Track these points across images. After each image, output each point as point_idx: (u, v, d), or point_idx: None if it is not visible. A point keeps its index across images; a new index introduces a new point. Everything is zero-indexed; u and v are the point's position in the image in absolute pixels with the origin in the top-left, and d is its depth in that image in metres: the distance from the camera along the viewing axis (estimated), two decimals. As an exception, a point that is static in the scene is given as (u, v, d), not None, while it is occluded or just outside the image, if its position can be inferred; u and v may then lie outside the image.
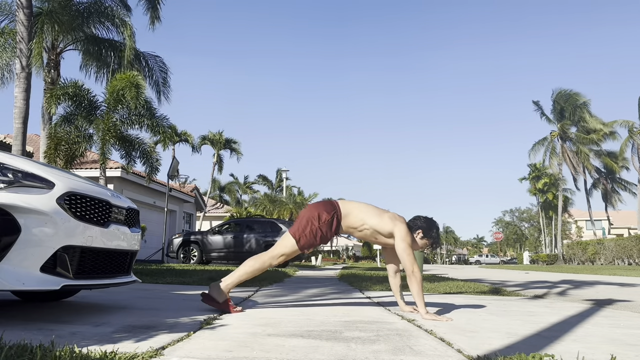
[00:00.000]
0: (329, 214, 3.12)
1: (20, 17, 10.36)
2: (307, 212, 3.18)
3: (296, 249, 3.13)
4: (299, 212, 3.25)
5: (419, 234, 3.23)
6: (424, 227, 3.22)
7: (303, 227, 3.11)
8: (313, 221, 3.11)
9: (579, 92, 37.69)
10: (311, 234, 3.10)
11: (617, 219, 59.86)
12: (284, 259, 3.17)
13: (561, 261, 37.84)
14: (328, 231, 3.12)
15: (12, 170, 2.28)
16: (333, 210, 3.15)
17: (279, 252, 3.14)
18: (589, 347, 2.13)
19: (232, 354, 1.77)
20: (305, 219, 3.14)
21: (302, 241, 3.10)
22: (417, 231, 3.23)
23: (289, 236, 3.15)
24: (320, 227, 3.10)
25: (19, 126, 10.10)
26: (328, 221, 3.12)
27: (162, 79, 15.61)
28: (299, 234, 3.11)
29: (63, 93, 12.39)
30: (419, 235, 3.23)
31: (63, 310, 2.89)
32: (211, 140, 34.53)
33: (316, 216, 3.12)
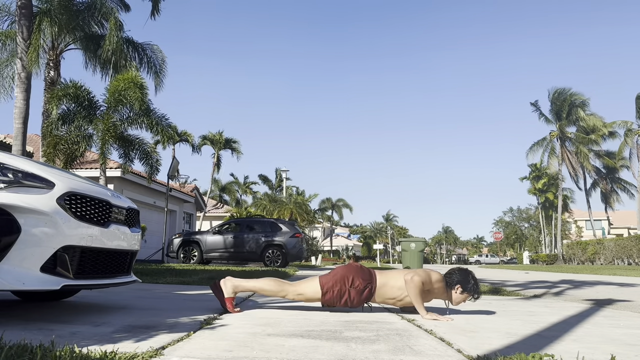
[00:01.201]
0: (364, 282, 3.07)
1: (20, 18, 10.37)
2: (344, 270, 3.13)
3: (318, 297, 3.09)
4: (336, 268, 3.18)
5: (458, 289, 3.10)
6: (462, 281, 3.11)
7: (333, 283, 3.06)
8: (346, 282, 3.06)
9: (578, 91, 37.72)
10: (339, 293, 3.06)
11: (616, 219, 59.87)
12: (301, 299, 3.13)
13: (561, 261, 37.85)
14: (356, 297, 3.07)
15: (12, 170, 2.28)
16: (368, 280, 3.09)
17: (302, 291, 3.10)
18: (589, 347, 2.13)
19: (232, 354, 1.78)
20: (339, 275, 3.09)
21: (327, 296, 3.06)
22: (456, 286, 3.11)
23: (317, 282, 3.09)
24: (349, 290, 3.06)
25: (19, 126, 10.11)
26: (360, 289, 3.06)
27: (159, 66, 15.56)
28: (327, 287, 3.06)
29: (64, 94, 12.40)
30: (458, 291, 3.10)
31: (63, 310, 2.89)
32: (211, 140, 34.54)
33: (350, 279, 3.06)
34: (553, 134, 38.75)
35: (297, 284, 3.15)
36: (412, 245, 16.81)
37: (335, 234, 66.13)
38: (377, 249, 35.98)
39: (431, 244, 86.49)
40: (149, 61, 15.37)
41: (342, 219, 60.39)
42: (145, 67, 15.25)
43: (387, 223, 78.16)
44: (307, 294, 3.09)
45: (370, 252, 67.16)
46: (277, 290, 3.11)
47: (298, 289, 3.10)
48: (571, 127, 38.52)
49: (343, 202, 56.38)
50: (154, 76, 15.35)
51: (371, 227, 79.71)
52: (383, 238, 76.39)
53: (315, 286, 3.08)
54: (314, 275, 3.27)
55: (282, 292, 3.11)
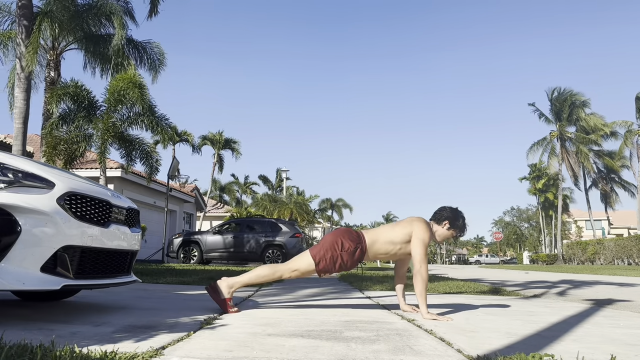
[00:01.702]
0: (353, 243, 3.10)
1: (20, 18, 10.37)
2: (331, 237, 3.15)
3: (312, 269, 3.10)
4: (324, 237, 3.20)
5: (446, 224, 3.23)
6: (450, 218, 3.23)
7: (324, 252, 3.08)
8: (335, 247, 3.08)
9: (578, 92, 37.73)
10: (331, 260, 3.07)
11: (616, 219, 59.88)
12: (297, 275, 3.14)
13: (561, 261, 37.85)
14: (349, 260, 3.09)
15: (12, 170, 2.28)
16: (357, 241, 3.12)
17: (295, 266, 3.11)
18: (589, 347, 2.13)
19: (232, 354, 1.78)
20: (328, 243, 3.11)
21: (321, 265, 3.08)
22: (443, 222, 3.24)
23: (308, 255, 3.11)
24: (341, 255, 3.08)
25: (19, 126, 10.12)
26: (351, 250, 3.09)
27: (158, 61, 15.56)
28: (319, 256, 3.08)
29: (64, 93, 12.40)
30: (445, 226, 3.23)
31: (63, 310, 2.89)
32: (211, 140, 34.53)
33: (339, 243, 3.09)
34: (553, 134, 38.75)
35: (289, 262, 3.17)
36: (412, 245, 16.79)
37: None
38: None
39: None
40: (149, 58, 15.38)
41: (342, 219, 60.39)
42: (146, 65, 15.26)
43: (387, 223, 78.15)
44: (301, 268, 3.11)
45: (370, 252, 67.03)
46: (271, 273, 3.13)
47: (291, 266, 3.12)
48: (571, 127, 38.53)
49: (343, 202, 56.37)
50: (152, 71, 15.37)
51: (371, 227, 79.71)
52: (383, 238, 76.26)
53: (307, 259, 3.10)
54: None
55: (276, 274, 3.13)
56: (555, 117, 38.39)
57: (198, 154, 35.44)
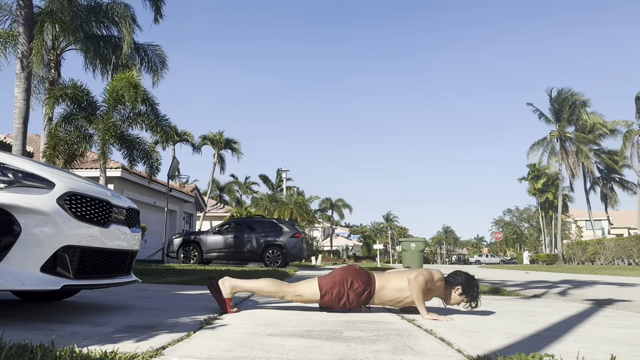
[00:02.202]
0: (362, 285, 3.07)
1: (20, 17, 10.37)
2: (343, 272, 3.12)
3: (316, 299, 3.09)
4: (335, 270, 3.19)
5: (458, 289, 3.14)
6: (464, 285, 3.14)
7: (332, 285, 3.06)
8: (345, 284, 3.06)
9: (578, 92, 37.71)
10: (337, 295, 3.06)
11: (617, 219, 59.85)
12: (299, 300, 3.13)
13: (561, 261, 37.83)
14: (355, 300, 3.07)
15: (12, 170, 2.28)
16: (367, 283, 3.09)
17: (300, 292, 3.10)
18: (589, 347, 2.13)
19: (232, 354, 1.78)
20: (338, 278, 3.08)
21: (326, 298, 3.06)
22: (456, 287, 3.15)
23: (315, 284, 3.09)
24: (348, 293, 3.06)
25: (19, 126, 10.11)
26: (359, 292, 3.07)
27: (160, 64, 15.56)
28: (326, 289, 3.06)
29: (62, 93, 12.39)
30: (457, 292, 3.14)
31: (63, 310, 2.89)
32: (211, 140, 34.51)
33: (349, 281, 3.06)
34: (553, 134, 38.73)
35: (295, 285, 3.14)
36: (412, 245, 16.82)
37: (335, 234, 66.10)
38: (377, 249, 35.96)
39: (431, 244, 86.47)
40: (151, 62, 15.38)
41: (342, 219, 60.39)
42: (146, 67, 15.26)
43: (387, 223, 78.14)
44: (306, 296, 3.09)
45: (370, 252, 67.17)
46: (276, 291, 3.11)
47: (296, 290, 3.10)
48: (571, 127, 38.51)
49: (343, 202, 56.37)
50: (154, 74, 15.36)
51: (371, 227, 79.69)
52: (383, 238, 76.38)
53: (314, 288, 3.07)
54: (314, 276, 3.26)
55: (280, 293, 3.11)
56: (555, 117, 38.37)
57: (198, 154, 35.45)
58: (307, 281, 3.17)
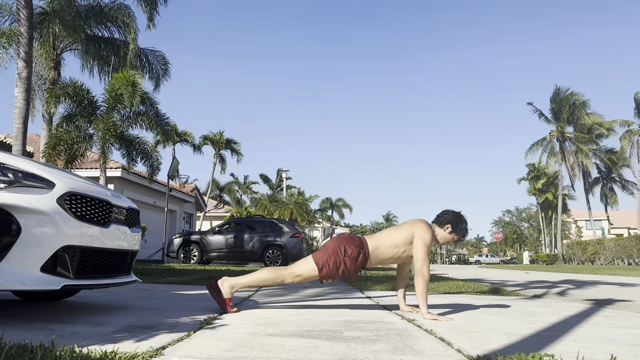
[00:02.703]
0: (356, 249, 3.09)
1: (21, 17, 10.36)
2: (334, 243, 3.14)
3: (315, 274, 3.09)
4: (327, 244, 3.18)
5: (448, 228, 3.23)
6: (453, 221, 3.22)
7: (327, 257, 3.07)
8: (339, 253, 3.08)
9: (578, 91, 37.71)
10: (334, 265, 3.06)
11: (617, 219, 59.86)
12: (299, 280, 3.13)
13: (561, 261, 37.83)
14: (352, 265, 3.08)
15: (12, 170, 2.28)
16: (360, 246, 3.11)
17: (298, 272, 3.11)
18: (589, 347, 2.13)
19: (232, 354, 1.78)
20: (331, 249, 3.10)
21: (324, 271, 3.06)
22: (445, 225, 3.23)
23: (311, 260, 3.10)
24: (344, 260, 3.07)
25: (19, 126, 10.10)
26: (354, 256, 3.08)
27: (162, 71, 15.58)
28: (322, 262, 3.06)
29: (63, 93, 12.40)
30: (447, 229, 3.23)
31: (63, 310, 2.89)
32: (212, 140, 34.51)
33: (342, 249, 3.08)
34: (553, 134, 38.73)
35: (291, 267, 3.16)
36: (412, 245, 16.78)
37: (335, 234, 66.05)
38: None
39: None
40: (151, 66, 15.39)
41: (343, 219, 60.35)
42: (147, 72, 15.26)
43: (387, 223, 78.14)
44: (305, 274, 3.10)
45: (370, 252, 66.99)
46: (274, 277, 3.12)
47: (294, 271, 3.11)
48: (571, 127, 38.50)
49: (343, 202, 56.34)
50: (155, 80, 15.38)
51: (371, 227, 79.70)
52: (383, 238, 76.27)
53: (311, 264, 3.09)
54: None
55: (279, 279, 3.12)
56: (555, 117, 38.36)
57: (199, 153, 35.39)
58: (302, 260, 3.19)
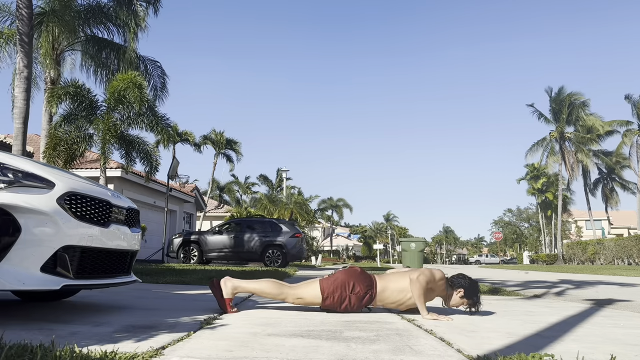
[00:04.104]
0: (364, 288, 3.07)
1: (21, 17, 10.36)
2: (345, 275, 3.11)
3: (318, 302, 3.08)
4: (337, 273, 3.18)
5: (460, 292, 3.15)
6: (467, 288, 3.16)
7: (334, 289, 3.05)
8: (346, 287, 3.06)
9: (578, 92, 37.67)
10: (339, 299, 3.05)
11: (617, 219, 59.84)
12: (300, 303, 3.12)
13: (561, 261, 37.82)
14: (356, 303, 3.07)
15: (12, 170, 2.28)
16: (369, 286, 3.08)
17: (301, 295, 3.09)
18: (589, 347, 2.13)
19: (232, 354, 1.78)
20: (340, 281, 3.08)
21: (328, 301, 3.06)
22: (458, 289, 3.16)
23: (317, 286, 3.08)
24: (350, 296, 3.06)
25: (19, 126, 10.09)
26: (360, 295, 3.07)
27: (160, 84, 15.63)
28: (328, 292, 3.05)
29: (64, 92, 12.39)
30: (459, 294, 3.15)
31: (63, 310, 2.89)
32: (212, 141, 34.51)
33: (351, 285, 3.06)
34: (553, 134, 38.72)
35: (296, 287, 3.13)
36: (412, 245, 16.82)
37: (335, 234, 66.06)
38: (377, 249, 35.94)
39: (431, 244, 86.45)
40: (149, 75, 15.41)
41: (342, 219, 60.34)
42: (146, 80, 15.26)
43: (387, 223, 78.13)
44: (307, 299, 3.09)
45: (370, 252, 67.09)
46: (277, 293, 3.10)
47: (297, 293, 3.09)
48: (571, 127, 38.50)
49: (343, 202, 56.31)
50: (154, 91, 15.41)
51: (371, 227, 79.67)
52: (383, 238, 76.35)
53: (315, 291, 3.07)
54: (313, 277, 3.25)
55: (281, 295, 3.10)
56: (555, 117, 38.35)
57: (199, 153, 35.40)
58: (308, 283, 3.15)
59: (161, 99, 15.59)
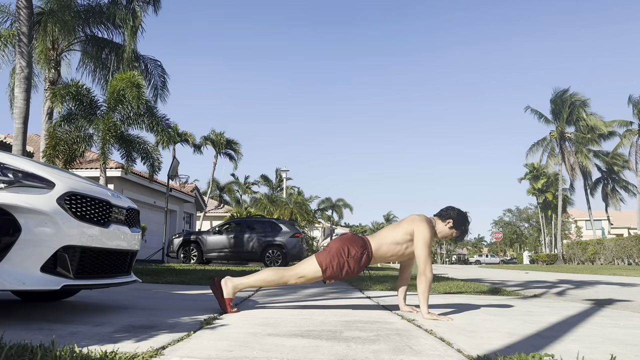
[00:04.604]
0: (359, 249, 3.09)
1: (20, 17, 10.37)
2: (337, 243, 3.14)
3: (319, 275, 3.09)
4: (329, 244, 3.20)
5: (449, 223, 3.21)
6: (455, 218, 3.21)
7: (331, 258, 3.07)
8: (342, 254, 3.07)
9: (578, 92, 37.66)
10: (338, 266, 3.06)
11: (617, 219, 59.85)
12: (303, 281, 3.13)
13: (561, 261, 37.83)
14: (355, 266, 3.08)
15: (12, 170, 2.28)
16: (363, 247, 3.11)
17: (301, 273, 3.10)
18: (589, 347, 2.13)
19: (232, 354, 1.78)
20: (334, 250, 3.10)
21: (328, 272, 3.06)
22: (447, 220, 3.22)
23: (314, 261, 3.09)
24: (347, 261, 3.07)
25: (19, 126, 10.10)
26: (357, 257, 3.08)
27: (161, 83, 15.63)
28: (326, 263, 3.06)
29: (67, 92, 12.40)
30: (448, 225, 3.21)
31: (63, 310, 2.89)
32: (212, 141, 34.50)
33: (346, 249, 3.08)
34: (553, 134, 38.72)
35: (295, 268, 3.14)
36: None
37: (335, 234, 66.06)
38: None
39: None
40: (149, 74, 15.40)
41: (342, 219, 60.33)
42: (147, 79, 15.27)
43: (387, 223, 78.17)
44: (308, 275, 3.10)
45: (370, 252, 66.98)
46: (277, 278, 3.11)
47: (297, 272, 3.11)
48: (571, 127, 38.49)
49: (343, 202, 56.31)
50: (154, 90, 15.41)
51: (371, 227, 79.70)
52: (383, 238, 76.25)
53: (314, 265, 3.09)
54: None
55: (282, 279, 3.11)
56: (555, 117, 38.34)
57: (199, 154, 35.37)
58: (305, 261, 3.17)
59: (162, 98, 15.62)
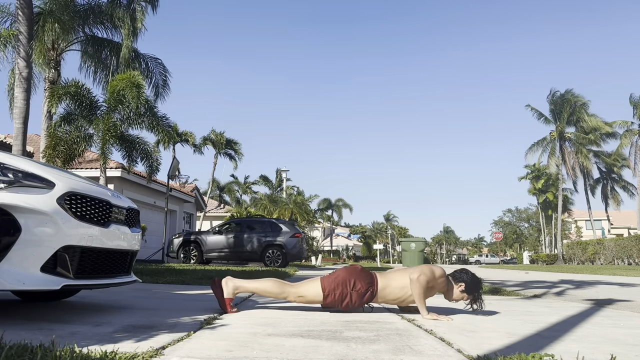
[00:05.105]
0: (365, 285, 3.07)
1: (20, 17, 10.36)
2: (345, 273, 3.11)
3: (319, 300, 3.08)
4: (338, 271, 3.19)
5: (461, 286, 3.16)
6: (468, 283, 3.15)
7: (335, 286, 3.05)
8: (347, 285, 3.06)
9: (578, 93, 37.63)
10: (340, 296, 3.05)
11: (617, 219, 59.83)
12: (302, 301, 3.12)
13: (561, 261, 37.81)
14: (357, 300, 3.07)
15: (12, 170, 2.28)
16: (370, 283, 3.09)
17: (303, 293, 3.09)
18: (589, 347, 2.13)
19: (232, 354, 1.78)
20: (341, 278, 3.08)
21: (329, 299, 3.06)
22: (459, 283, 3.16)
23: (318, 284, 3.08)
24: (351, 293, 3.05)
25: (19, 126, 10.09)
26: (361, 292, 3.07)
27: (162, 81, 15.63)
28: (329, 290, 3.05)
29: (65, 92, 12.39)
30: (460, 288, 3.16)
31: (63, 310, 2.89)
32: (212, 141, 34.48)
33: (352, 282, 3.06)
34: (553, 134, 38.70)
35: (298, 286, 3.13)
36: (412, 245, 16.84)
37: (335, 234, 66.09)
38: (377, 249, 35.96)
39: (432, 244, 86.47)
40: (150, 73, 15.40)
41: (342, 219, 60.33)
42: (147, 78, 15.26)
43: (387, 223, 78.13)
44: (309, 297, 3.09)
45: (370, 252, 67.10)
46: (278, 292, 3.11)
47: (299, 291, 3.09)
48: (571, 127, 38.48)
49: (343, 202, 56.29)
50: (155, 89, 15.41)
51: (371, 227, 79.66)
52: (383, 238, 76.35)
53: (317, 289, 3.07)
54: (314, 276, 3.25)
55: (283, 294, 3.11)
56: (555, 118, 38.32)
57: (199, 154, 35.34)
58: (309, 282, 3.15)
59: (163, 97, 15.60)
